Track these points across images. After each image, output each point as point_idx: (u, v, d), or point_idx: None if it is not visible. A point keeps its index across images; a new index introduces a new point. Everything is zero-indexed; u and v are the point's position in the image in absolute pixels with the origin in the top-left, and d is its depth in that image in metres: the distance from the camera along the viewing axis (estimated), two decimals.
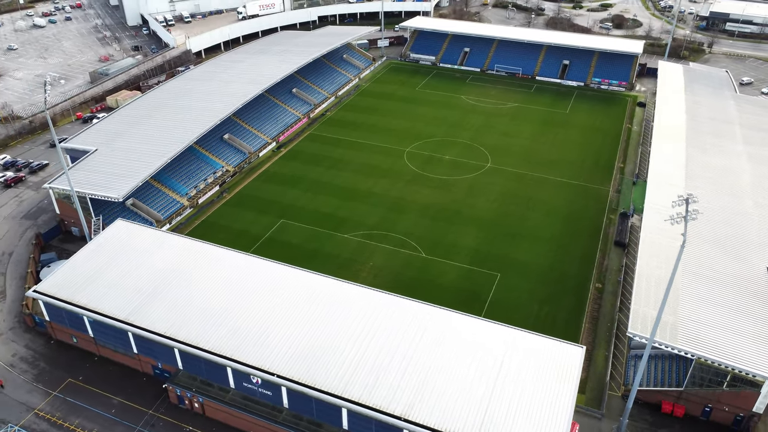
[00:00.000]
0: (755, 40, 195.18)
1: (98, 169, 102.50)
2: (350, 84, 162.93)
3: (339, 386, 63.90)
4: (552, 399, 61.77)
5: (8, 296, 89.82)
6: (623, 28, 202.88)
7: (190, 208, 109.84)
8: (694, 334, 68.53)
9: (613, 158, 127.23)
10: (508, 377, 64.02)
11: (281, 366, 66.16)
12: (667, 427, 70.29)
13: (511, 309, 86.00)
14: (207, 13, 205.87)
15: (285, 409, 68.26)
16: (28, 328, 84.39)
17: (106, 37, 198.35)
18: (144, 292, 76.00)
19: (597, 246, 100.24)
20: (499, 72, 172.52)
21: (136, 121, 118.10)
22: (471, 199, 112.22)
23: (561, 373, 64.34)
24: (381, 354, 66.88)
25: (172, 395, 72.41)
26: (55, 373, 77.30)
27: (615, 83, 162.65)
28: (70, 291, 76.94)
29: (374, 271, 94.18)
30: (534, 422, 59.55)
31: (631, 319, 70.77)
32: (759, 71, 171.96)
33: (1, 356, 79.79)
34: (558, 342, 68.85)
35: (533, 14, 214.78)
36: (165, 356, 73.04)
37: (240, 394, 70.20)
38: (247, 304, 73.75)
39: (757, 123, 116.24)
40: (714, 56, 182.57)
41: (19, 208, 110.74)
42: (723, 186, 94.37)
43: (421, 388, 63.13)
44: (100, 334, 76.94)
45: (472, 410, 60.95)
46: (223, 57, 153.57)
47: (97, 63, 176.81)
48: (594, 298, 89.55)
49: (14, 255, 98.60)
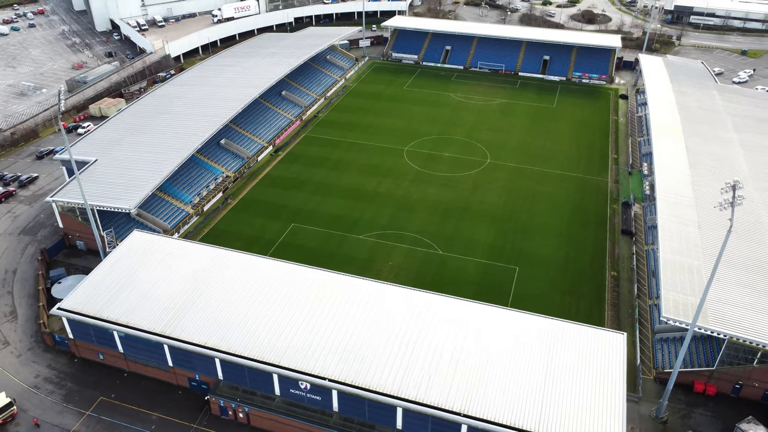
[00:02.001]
0: (719, 32, 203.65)
1: (102, 179, 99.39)
2: (337, 85, 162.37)
3: (393, 386, 64.11)
4: (603, 386, 63.48)
5: (20, 316, 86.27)
6: (595, 23, 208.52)
7: (197, 216, 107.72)
8: (724, 315, 71.42)
9: (606, 150, 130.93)
10: (558, 367, 65.46)
11: (331, 369, 65.89)
12: (701, 405, 73.09)
13: (534, 301, 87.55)
14: (180, 16, 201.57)
15: (335, 413, 67.97)
16: (47, 347, 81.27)
17: (76, 44, 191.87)
18: (176, 303, 74.34)
19: (605, 235, 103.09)
20: (482, 69, 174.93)
21: (132, 130, 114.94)
22: (477, 195, 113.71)
23: (608, 360, 66.18)
24: (430, 351, 67.40)
25: (215, 407, 71.07)
26: (85, 393, 74.75)
27: (595, 77, 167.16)
28: (96, 306, 74.58)
29: (395, 271, 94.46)
30: (590, 410, 61.09)
31: (663, 304, 73.16)
32: (727, 61, 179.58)
33: (23, 378, 76.69)
34: (599, 330, 70.81)
35: (509, 11, 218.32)
36: (204, 367, 71.62)
37: (285, 401, 69.48)
38: (285, 308, 73.03)
39: (742, 111, 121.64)
40: (684, 48, 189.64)
41: (15, 224, 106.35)
42: (724, 173, 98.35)
43: (476, 383, 63.95)
44: (131, 349, 74.82)
45: (529, 401, 62.12)
46: (211, 61, 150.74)
47: (71, 71, 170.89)
48: (611, 286, 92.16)
49: (18, 273, 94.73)
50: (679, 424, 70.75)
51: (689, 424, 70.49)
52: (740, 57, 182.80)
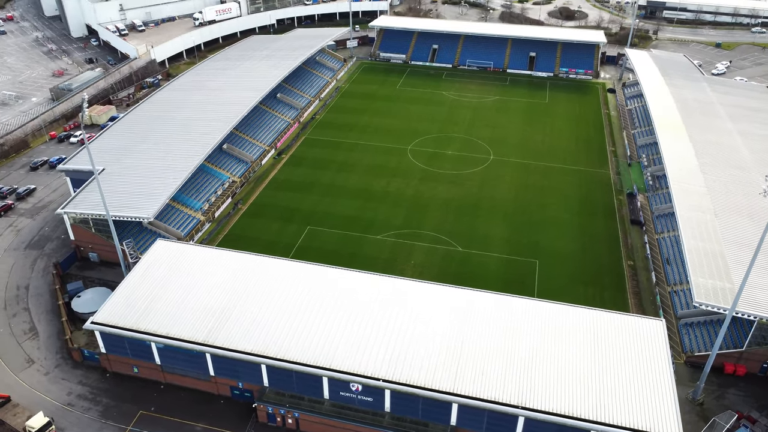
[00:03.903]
0: (692, 26, 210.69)
1: (113, 189, 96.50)
2: (330, 86, 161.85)
3: (448, 382, 64.59)
4: (652, 372, 65.29)
5: (41, 332, 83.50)
6: (574, 20, 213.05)
7: (209, 223, 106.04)
8: (752, 297, 74.23)
9: (603, 143, 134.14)
10: (605, 355, 67.04)
11: (384, 370, 65.96)
12: (733, 386, 75.86)
13: (559, 292, 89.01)
14: (159, 20, 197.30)
15: (387, 413, 68.07)
16: (75, 363, 78.84)
17: (53, 51, 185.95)
18: (215, 311, 73.22)
19: (616, 226, 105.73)
20: (471, 67, 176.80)
21: (136, 137, 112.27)
22: (486, 191, 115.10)
23: (651, 347, 68.15)
24: (479, 347, 68.13)
25: (262, 414, 70.30)
26: (123, 407, 72.94)
27: (581, 72, 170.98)
28: (132, 318, 72.85)
29: (418, 269, 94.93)
30: (643, 396, 62.78)
31: (695, 290, 75.50)
32: (704, 54, 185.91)
33: (55, 396, 74.30)
34: (638, 317, 72.81)
35: (490, 9, 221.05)
36: (249, 375, 70.78)
37: (335, 404, 69.21)
38: (328, 311, 72.71)
39: (733, 101, 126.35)
40: (661, 42, 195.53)
41: (19, 238, 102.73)
42: (728, 161, 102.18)
43: (529, 375, 64.96)
44: (170, 360, 73.35)
45: (582, 390, 63.44)
46: (205, 65, 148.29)
47: (53, 78, 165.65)
48: (630, 275, 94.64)
49: (31, 288, 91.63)
50: (715, 404, 73.28)
51: (725, 404, 73.09)
52: (715, 49, 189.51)
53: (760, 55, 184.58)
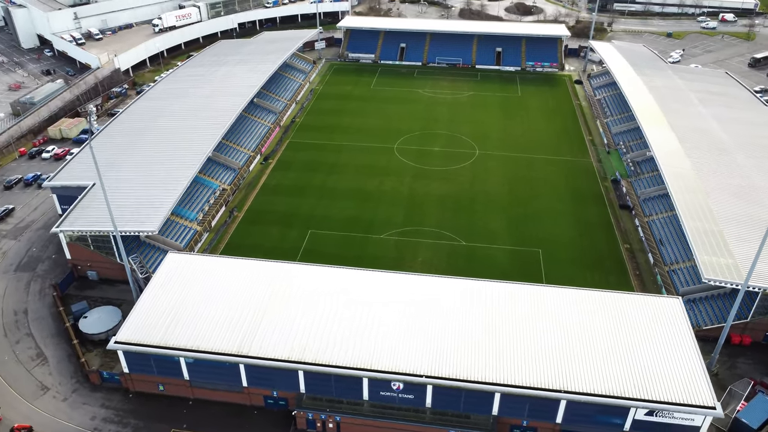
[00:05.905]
0: (642, 17, 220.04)
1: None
2: (304, 89, 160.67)
3: (488, 373, 65.83)
4: (679, 348, 68.49)
5: (50, 357, 79.85)
6: (533, 14, 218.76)
7: (207, 233, 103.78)
8: (757, 270, 78.48)
9: (580, 133, 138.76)
10: (634, 335, 69.86)
11: (424, 366, 66.60)
12: (741, 355, 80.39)
13: (566, 279, 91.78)
14: (117, 28, 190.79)
15: (428, 409, 68.75)
16: (94, 386, 75.83)
17: (4, 63, 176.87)
18: (244, 320, 72.01)
19: (607, 212, 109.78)
20: (440, 64, 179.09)
21: (120, 150, 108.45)
22: (479, 186, 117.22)
23: (673, 324, 71.47)
24: (513, 336, 69.72)
25: (301, 421, 69.70)
26: (153, 427, 70.76)
27: (547, 65, 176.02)
28: (158, 335, 70.76)
29: (426, 266, 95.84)
30: (675, 372, 65.82)
31: (702, 267, 79.46)
32: (657, 43, 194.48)
33: (78, 422, 71.29)
34: (655, 297, 76.22)
35: (450, 7, 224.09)
36: (284, 382, 70.02)
37: (374, 405, 69.36)
38: (358, 312, 72.74)
39: (700, 87, 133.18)
40: (616, 34, 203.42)
41: (7, 261, 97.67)
42: (711, 145, 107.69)
43: (567, 359, 66.96)
44: (199, 374, 71.68)
45: (618, 370, 65.94)
46: (179, 72, 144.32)
47: (10, 93, 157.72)
48: (628, 257, 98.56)
49: (30, 312, 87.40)
50: (729, 374, 77.52)
51: (738, 373, 77.41)
52: (667, 39, 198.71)
53: (708, 43, 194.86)
